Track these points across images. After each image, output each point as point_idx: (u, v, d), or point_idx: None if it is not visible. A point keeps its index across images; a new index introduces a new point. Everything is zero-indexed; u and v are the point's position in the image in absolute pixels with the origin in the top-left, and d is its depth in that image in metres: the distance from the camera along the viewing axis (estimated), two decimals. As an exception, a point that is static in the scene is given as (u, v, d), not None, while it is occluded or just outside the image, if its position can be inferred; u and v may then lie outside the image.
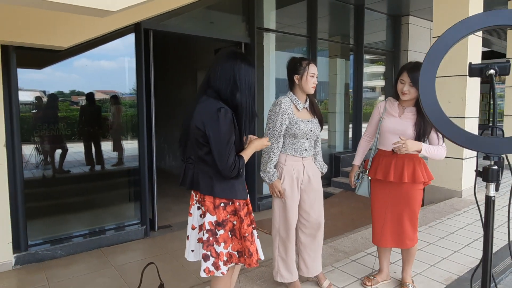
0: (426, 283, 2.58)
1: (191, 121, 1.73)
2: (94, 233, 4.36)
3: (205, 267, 1.70)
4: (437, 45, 1.27)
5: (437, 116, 1.24)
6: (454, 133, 1.25)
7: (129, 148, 4.90)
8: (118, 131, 4.80)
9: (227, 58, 1.73)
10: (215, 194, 1.69)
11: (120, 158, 4.96)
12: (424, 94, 1.25)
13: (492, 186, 1.25)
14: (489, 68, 1.26)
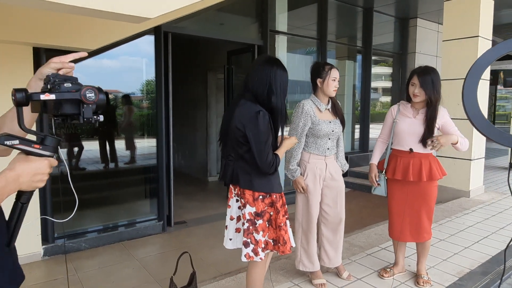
0: (440, 276, 2.74)
1: (231, 122, 1.90)
2: (115, 227, 4.53)
3: (245, 253, 1.87)
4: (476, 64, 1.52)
5: (480, 122, 1.51)
6: (496, 135, 1.54)
7: (146, 147, 5.08)
8: (130, 130, 4.96)
9: (264, 64, 1.89)
10: (254, 188, 1.86)
11: (132, 157, 5.13)
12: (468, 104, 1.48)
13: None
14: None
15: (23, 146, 0.94)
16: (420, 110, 2.53)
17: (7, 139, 0.92)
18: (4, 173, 0.88)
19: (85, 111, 0.99)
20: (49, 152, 0.97)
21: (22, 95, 0.94)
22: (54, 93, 0.95)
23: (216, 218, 5.60)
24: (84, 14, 2.41)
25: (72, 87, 0.99)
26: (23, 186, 0.91)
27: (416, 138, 2.52)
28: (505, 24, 8.08)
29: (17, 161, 0.92)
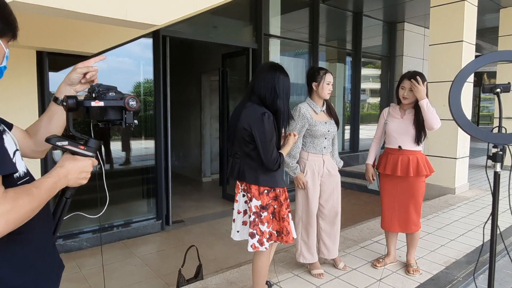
0: (428, 265, 2.94)
1: (238, 123, 2.06)
2: (115, 226, 4.65)
3: (252, 243, 2.04)
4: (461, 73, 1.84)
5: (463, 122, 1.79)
6: (477, 132, 1.84)
7: (144, 148, 5.21)
8: (126, 132, 5.06)
9: (268, 71, 2.07)
10: (260, 183, 2.03)
11: (127, 158, 5.25)
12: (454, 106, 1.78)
13: (498, 165, 1.79)
14: (497, 88, 1.80)
15: (71, 147, 1.06)
16: (407, 110, 2.73)
17: (58, 140, 1.05)
18: (56, 170, 1.01)
19: (127, 117, 1.12)
20: (91, 153, 1.10)
21: (73, 102, 1.08)
22: (102, 100, 1.09)
23: (213, 217, 5.75)
24: (97, 21, 2.54)
25: (116, 95, 1.13)
26: (70, 182, 1.03)
27: (404, 136, 2.73)
28: (488, 28, 8.42)
29: (65, 160, 1.05)
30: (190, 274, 2.84)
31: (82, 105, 1.08)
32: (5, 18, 1.03)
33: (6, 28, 1.03)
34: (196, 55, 7.96)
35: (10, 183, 0.89)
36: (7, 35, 1.04)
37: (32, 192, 0.89)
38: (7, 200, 0.82)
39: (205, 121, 8.11)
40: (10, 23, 1.05)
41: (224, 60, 6.46)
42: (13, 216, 0.83)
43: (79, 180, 1.06)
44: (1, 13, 1.02)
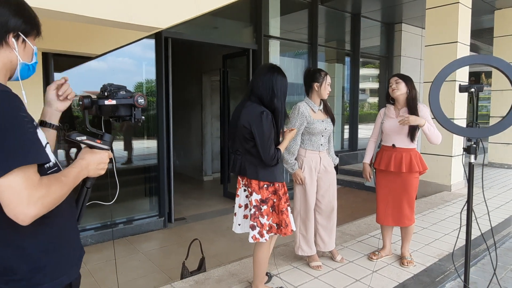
0: (422, 258, 3.06)
1: (238, 121, 2.18)
2: (119, 223, 4.77)
3: (252, 235, 2.16)
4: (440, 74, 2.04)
5: (441, 117, 2.02)
6: (452, 127, 2.08)
7: (146, 147, 5.32)
8: (128, 132, 5.18)
9: (267, 72, 2.19)
10: (260, 178, 2.15)
11: (129, 157, 5.37)
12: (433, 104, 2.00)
13: (472, 156, 2.04)
14: (471, 88, 2.00)
15: (89, 141, 1.17)
16: (401, 110, 2.86)
17: (78, 136, 1.15)
18: (78, 162, 1.12)
19: (136, 113, 1.25)
20: (107, 146, 1.20)
21: (88, 101, 1.21)
22: (114, 99, 1.22)
23: (214, 214, 5.87)
24: (103, 24, 2.66)
25: (126, 94, 1.24)
26: (90, 173, 1.14)
27: (398, 135, 2.85)
28: (485, 29, 8.53)
29: (85, 153, 1.15)
30: (193, 267, 2.96)
31: (96, 104, 1.20)
32: (29, 17, 1.10)
33: (30, 27, 1.11)
34: (197, 55, 8.07)
35: (41, 172, 0.99)
36: (33, 33, 1.12)
37: (62, 180, 1.01)
38: (42, 186, 0.93)
39: (206, 121, 8.23)
40: (33, 22, 1.12)
41: (225, 60, 6.58)
42: (48, 200, 0.94)
43: (98, 170, 1.17)
44: (25, 13, 1.10)
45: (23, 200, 0.88)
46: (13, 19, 1.05)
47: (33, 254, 1.02)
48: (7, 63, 1.07)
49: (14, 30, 1.06)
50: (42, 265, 1.03)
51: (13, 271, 0.99)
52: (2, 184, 0.87)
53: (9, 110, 0.91)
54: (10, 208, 0.88)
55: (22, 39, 1.09)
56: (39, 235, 1.03)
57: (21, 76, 1.12)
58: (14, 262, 0.99)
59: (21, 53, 1.09)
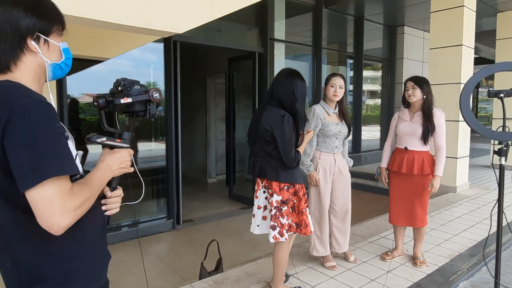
0: (434, 258, 3.11)
1: (259, 124, 2.23)
2: (129, 225, 4.80)
3: (273, 234, 2.21)
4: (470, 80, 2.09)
5: (473, 122, 2.07)
6: (484, 131, 2.14)
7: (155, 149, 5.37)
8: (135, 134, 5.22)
9: (287, 76, 2.25)
10: (280, 180, 2.20)
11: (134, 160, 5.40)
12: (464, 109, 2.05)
13: (503, 159, 2.11)
14: (500, 93, 2.04)
15: (109, 142, 1.14)
16: (416, 113, 2.91)
17: (98, 137, 1.13)
18: (99, 166, 1.09)
19: (151, 108, 1.21)
20: (127, 144, 1.18)
21: (103, 101, 1.17)
22: (130, 97, 1.17)
23: (221, 216, 5.91)
24: (123, 30, 2.71)
25: (140, 89, 1.19)
26: (114, 173, 1.12)
27: (412, 137, 2.90)
28: (486, 31, 8.62)
29: (105, 155, 1.12)
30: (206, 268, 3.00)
31: (112, 103, 1.17)
32: (44, 13, 1.01)
33: (48, 23, 1.02)
34: (201, 58, 8.12)
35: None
36: (54, 29, 1.04)
37: (89, 185, 1.00)
38: (74, 195, 0.92)
39: (210, 123, 8.27)
40: (51, 16, 1.03)
41: (230, 63, 6.63)
42: (79, 208, 0.94)
43: (121, 169, 1.14)
44: (38, 9, 1.00)
45: (56, 211, 0.87)
46: (25, 19, 0.97)
47: (65, 261, 1.01)
48: (36, 69, 1.01)
49: (29, 32, 0.98)
50: (73, 271, 1.03)
51: (44, 279, 0.98)
52: (35, 194, 0.86)
53: (44, 120, 0.90)
54: (44, 219, 0.87)
55: (44, 39, 1.01)
56: (70, 242, 1.02)
57: (54, 76, 1.07)
58: (46, 270, 0.98)
59: (46, 54, 1.02)
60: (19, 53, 0.98)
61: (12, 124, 0.86)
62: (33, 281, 0.97)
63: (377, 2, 7.16)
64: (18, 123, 0.86)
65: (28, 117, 0.87)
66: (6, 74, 0.98)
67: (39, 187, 0.86)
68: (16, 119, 0.86)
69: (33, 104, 0.89)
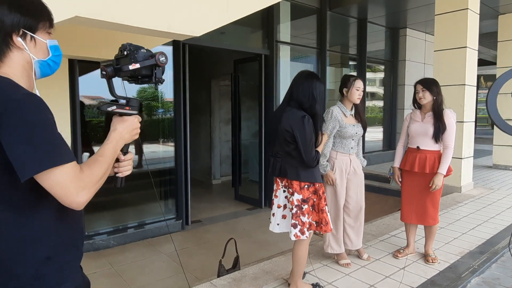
0: (444, 255, 3.18)
1: (279, 125, 2.30)
2: (139, 225, 4.85)
3: (294, 232, 2.27)
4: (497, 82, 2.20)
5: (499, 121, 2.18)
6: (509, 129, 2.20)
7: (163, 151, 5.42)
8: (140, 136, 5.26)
9: (306, 78, 2.32)
10: (301, 179, 2.27)
11: (139, 161, 5.45)
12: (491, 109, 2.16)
13: None
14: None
15: (120, 109, 1.16)
16: (427, 114, 2.98)
17: (108, 106, 1.15)
18: (111, 135, 1.12)
19: (157, 72, 1.19)
20: (135, 111, 1.19)
21: (111, 69, 1.16)
22: (138, 62, 1.15)
23: (228, 217, 5.97)
24: (142, 33, 2.77)
25: (147, 53, 1.18)
26: (127, 140, 1.15)
27: (424, 137, 2.97)
28: (486, 33, 8.72)
29: (116, 123, 1.15)
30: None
31: (121, 70, 1.15)
32: (29, 10, 1.02)
33: (34, 20, 1.03)
34: (206, 60, 8.18)
35: None
36: (41, 26, 1.04)
37: (100, 160, 1.04)
38: (84, 174, 0.97)
39: (214, 125, 8.33)
40: (37, 13, 1.04)
41: (236, 65, 6.70)
42: (93, 183, 0.99)
43: (132, 136, 1.17)
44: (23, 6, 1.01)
45: (72, 192, 0.93)
46: (9, 16, 0.98)
47: (36, 261, 1.00)
48: (24, 65, 1.03)
49: (14, 28, 0.99)
50: (43, 272, 1.01)
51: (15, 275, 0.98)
52: (49, 182, 0.92)
53: (37, 112, 0.92)
54: (63, 200, 0.94)
55: (30, 36, 1.02)
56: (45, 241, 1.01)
57: (42, 73, 1.08)
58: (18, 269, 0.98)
59: (33, 51, 1.03)
60: (5, 49, 1.00)
61: (6, 119, 0.88)
62: (4, 272, 0.98)
63: (380, 5, 7.24)
64: (13, 118, 0.88)
65: (22, 111, 0.90)
66: None
67: (50, 175, 0.91)
68: (10, 114, 0.88)
69: (25, 98, 0.92)
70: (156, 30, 2.64)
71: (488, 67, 12.65)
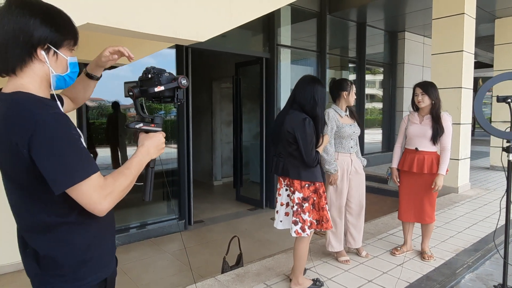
0: (440, 253, 3.29)
1: (282, 127, 2.41)
2: (143, 225, 4.96)
3: (295, 229, 2.38)
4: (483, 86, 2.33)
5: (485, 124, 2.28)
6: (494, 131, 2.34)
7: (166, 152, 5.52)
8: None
9: (309, 83, 2.44)
10: (302, 178, 2.38)
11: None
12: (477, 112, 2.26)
13: (511, 155, 2.30)
14: (508, 98, 2.23)
15: (146, 127, 1.25)
16: (425, 116, 3.10)
17: (135, 124, 1.25)
18: (139, 150, 1.20)
19: (179, 94, 1.29)
20: (160, 128, 1.28)
21: (138, 90, 1.27)
22: (162, 85, 1.25)
23: (230, 217, 6.07)
24: (150, 39, 2.89)
25: (170, 76, 1.27)
26: (153, 155, 1.23)
27: (422, 139, 3.09)
28: (483, 37, 8.85)
29: (144, 140, 1.23)
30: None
31: (147, 92, 1.25)
32: (59, 26, 1.07)
33: (61, 37, 1.08)
34: (207, 63, 8.29)
35: None
36: (66, 43, 1.10)
37: (125, 173, 1.11)
38: (108, 185, 1.05)
39: (216, 127, 8.44)
40: (65, 31, 1.09)
41: (238, 68, 6.82)
42: (115, 193, 1.06)
43: (158, 151, 1.26)
44: (54, 22, 1.06)
45: (95, 201, 1.02)
46: (39, 30, 1.03)
47: (80, 251, 1.11)
48: (43, 76, 1.08)
49: (41, 42, 1.04)
50: (86, 260, 1.13)
51: (61, 265, 1.09)
52: (76, 193, 1.01)
53: (62, 130, 1.00)
54: (87, 207, 1.03)
55: (54, 51, 1.07)
56: (85, 233, 1.13)
57: (57, 86, 1.13)
58: (62, 258, 1.09)
59: (53, 65, 1.08)
60: (27, 60, 1.05)
61: (36, 139, 0.96)
62: (49, 265, 1.08)
63: (379, 9, 7.37)
64: (42, 138, 0.97)
65: (50, 131, 0.98)
66: (11, 77, 1.06)
67: (76, 188, 1.00)
68: (39, 134, 0.97)
69: (51, 118, 0.99)
70: (163, 36, 2.75)
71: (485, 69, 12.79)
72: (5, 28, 1.01)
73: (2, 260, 3.53)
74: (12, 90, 1.04)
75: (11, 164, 1.03)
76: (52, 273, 1.09)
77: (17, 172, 1.03)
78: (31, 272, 1.12)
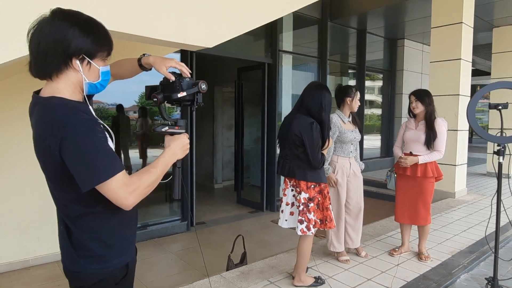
0: (437, 254, 3.40)
1: (289, 130, 2.54)
2: (147, 226, 5.06)
3: (300, 228, 2.50)
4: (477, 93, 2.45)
5: (477, 128, 2.43)
6: (486, 135, 2.49)
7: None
8: (146, 140, 5.49)
9: (316, 89, 2.58)
10: (308, 179, 2.50)
11: (144, 165, 5.67)
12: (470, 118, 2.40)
13: (501, 158, 2.46)
14: (498, 105, 2.40)
15: (171, 129, 1.32)
16: (420, 122, 3.23)
17: (161, 128, 1.33)
18: (166, 151, 1.29)
19: (198, 98, 1.38)
20: (184, 130, 1.36)
21: (162, 96, 1.35)
22: (184, 91, 1.33)
23: (231, 219, 6.18)
24: (160, 44, 3.02)
25: (190, 81, 1.35)
26: (178, 156, 1.33)
27: (416, 143, 3.22)
28: (482, 45, 9.03)
29: (170, 141, 1.32)
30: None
31: (171, 98, 1.33)
32: (96, 38, 1.15)
33: (96, 47, 1.16)
34: (209, 68, 8.41)
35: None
36: (100, 53, 1.18)
37: (150, 171, 1.20)
38: (133, 182, 1.14)
39: (217, 131, 8.55)
40: (101, 42, 1.17)
41: (240, 73, 6.95)
42: (140, 190, 1.16)
43: (184, 152, 1.35)
44: (91, 33, 1.14)
45: (121, 197, 1.11)
46: (77, 40, 1.11)
47: (107, 237, 1.23)
48: (76, 83, 1.16)
49: (76, 53, 1.12)
50: (114, 244, 1.25)
51: (90, 248, 1.20)
52: (104, 189, 1.10)
53: (90, 134, 1.08)
54: (116, 202, 1.13)
55: (88, 61, 1.15)
56: (110, 221, 1.25)
57: (89, 92, 1.23)
58: (91, 243, 1.20)
59: (86, 73, 1.16)
60: (63, 68, 1.13)
61: (65, 142, 1.06)
62: (80, 247, 1.21)
63: (379, 16, 7.53)
64: (72, 140, 1.06)
65: (78, 135, 1.07)
66: (48, 81, 1.16)
67: (102, 186, 1.09)
68: (68, 138, 1.06)
69: (79, 124, 1.08)
70: (173, 42, 2.88)
71: (483, 77, 12.97)
72: (46, 38, 1.10)
73: (11, 257, 3.62)
74: (48, 95, 1.14)
75: (48, 163, 1.15)
76: (82, 254, 1.21)
77: (53, 170, 1.16)
78: (67, 252, 1.24)
